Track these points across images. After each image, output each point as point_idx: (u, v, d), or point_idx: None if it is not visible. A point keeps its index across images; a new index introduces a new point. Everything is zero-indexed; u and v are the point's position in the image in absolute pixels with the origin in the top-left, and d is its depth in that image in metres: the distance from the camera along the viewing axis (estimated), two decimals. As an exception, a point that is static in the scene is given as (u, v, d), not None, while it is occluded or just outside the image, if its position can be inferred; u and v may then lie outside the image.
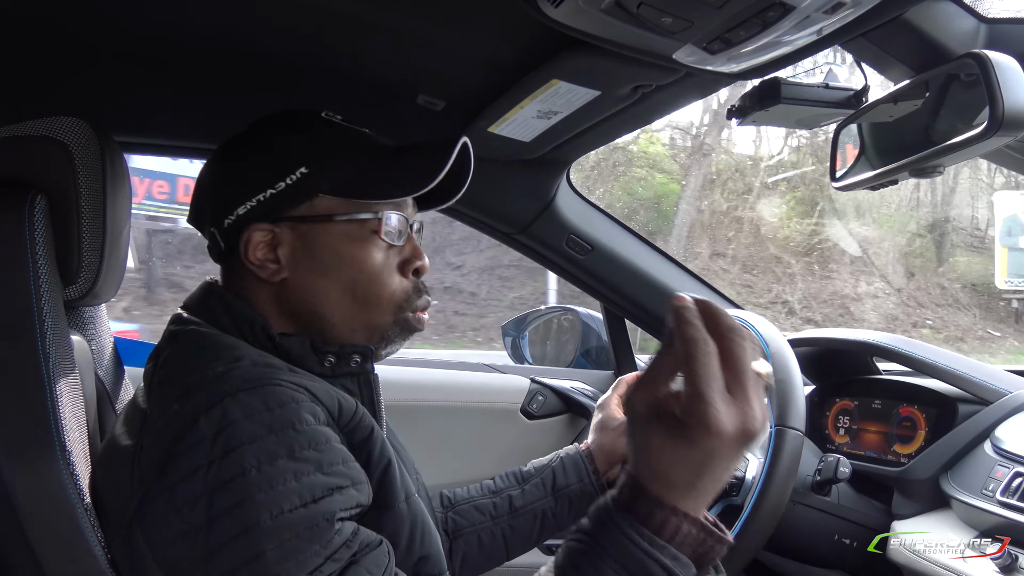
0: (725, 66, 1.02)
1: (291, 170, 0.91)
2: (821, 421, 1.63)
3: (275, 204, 0.91)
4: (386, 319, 0.96)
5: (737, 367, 0.65)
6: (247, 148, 0.95)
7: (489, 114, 1.31)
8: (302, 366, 0.90)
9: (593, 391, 1.89)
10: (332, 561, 0.74)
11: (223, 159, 0.97)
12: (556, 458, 1.28)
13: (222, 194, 0.94)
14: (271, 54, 1.18)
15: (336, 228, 0.93)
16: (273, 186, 0.91)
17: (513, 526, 1.21)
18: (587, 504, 1.21)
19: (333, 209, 0.92)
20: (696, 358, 0.64)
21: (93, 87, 1.29)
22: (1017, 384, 1.39)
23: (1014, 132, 0.94)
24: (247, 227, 0.92)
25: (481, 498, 1.23)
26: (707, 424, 0.63)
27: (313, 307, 0.94)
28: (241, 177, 0.93)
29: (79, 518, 0.80)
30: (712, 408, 0.63)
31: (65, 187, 0.93)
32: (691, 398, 0.63)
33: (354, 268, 0.93)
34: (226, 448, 0.74)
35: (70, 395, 0.86)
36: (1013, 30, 1.08)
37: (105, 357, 1.15)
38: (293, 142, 0.93)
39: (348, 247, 0.93)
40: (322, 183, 0.92)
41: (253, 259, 0.92)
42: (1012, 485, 1.16)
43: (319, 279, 0.93)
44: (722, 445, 0.63)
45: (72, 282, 0.96)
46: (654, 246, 1.84)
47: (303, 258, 0.93)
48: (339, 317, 0.94)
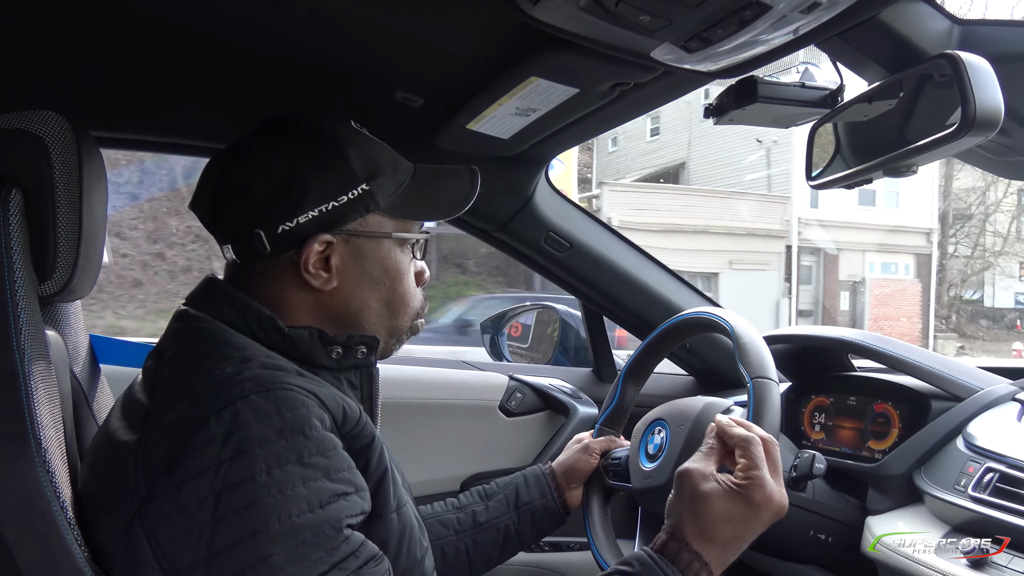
0: (703, 64, 1.02)
1: (355, 185, 0.94)
2: (797, 418, 1.64)
3: (337, 216, 0.93)
4: (405, 324, 1.03)
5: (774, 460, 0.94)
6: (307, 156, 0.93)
7: (467, 111, 1.31)
8: (309, 358, 0.92)
9: (572, 388, 1.90)
10: (338, 569, 0.75)
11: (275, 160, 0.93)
12: (520, 475, 1.32)
13: (279, 200, 0.91)
14: (248, 49, 1.17)
15: (387, 244, 0.98)
16: (336, 199, 0.92)
17: (476, 540, 1.23)
18: (548, 520, 1.28)
19: (383, 226, 0.97)
20: (751, 446, 0.93)
21: (69, 80, 1.27)
22: (989, 380, 1.41)
23: (986, 132, 0.95)
24: (309, 236, 0.92)
25: (445, 513, 1.25)
26: (762, 487, 0.90)
27: (353, 314, 0.98)
28: (303, 185, 0.91)
29: (55, 516, 0.80)
30: (765, 477, 0.91)
31: (41, 182, 0.91)
32: (748, 469, 0.92)
33: (395, 280, 0.99)
34: (236, 450, 0.75)
35: (45, 392, 0.85)
36: (985, 31, 1.09)
37: (81, 354, 1.14)
38: (354, 156, 0.94)
39: (392, 262, 0.99)
40: (379, 200, 0.95)
41: (312, 268, 0.93)
42: (983, 480, 1.17)
43: (364, 289, 0.97)
44: (766, 508, 0.90)
45: (47, 278, 0.95)
46: (632, 244, 1.85)
47: (353, 269, 0.96)
48: (372, 323, 0.99)
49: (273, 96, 1.31)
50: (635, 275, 1.80)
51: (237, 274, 0.96)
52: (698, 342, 1.85)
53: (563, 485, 1.30)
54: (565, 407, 1.84)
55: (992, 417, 1.31)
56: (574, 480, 1.32)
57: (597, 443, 1.34)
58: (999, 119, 0.95)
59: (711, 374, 1.93)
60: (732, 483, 0.91)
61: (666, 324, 1.34)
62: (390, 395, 1.71)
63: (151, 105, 1.39)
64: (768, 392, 1.06)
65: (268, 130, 0.96)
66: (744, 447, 0.93)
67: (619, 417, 1.38)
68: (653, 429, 1.24)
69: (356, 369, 0.98)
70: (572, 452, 1.35)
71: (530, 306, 2.46)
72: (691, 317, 1.29)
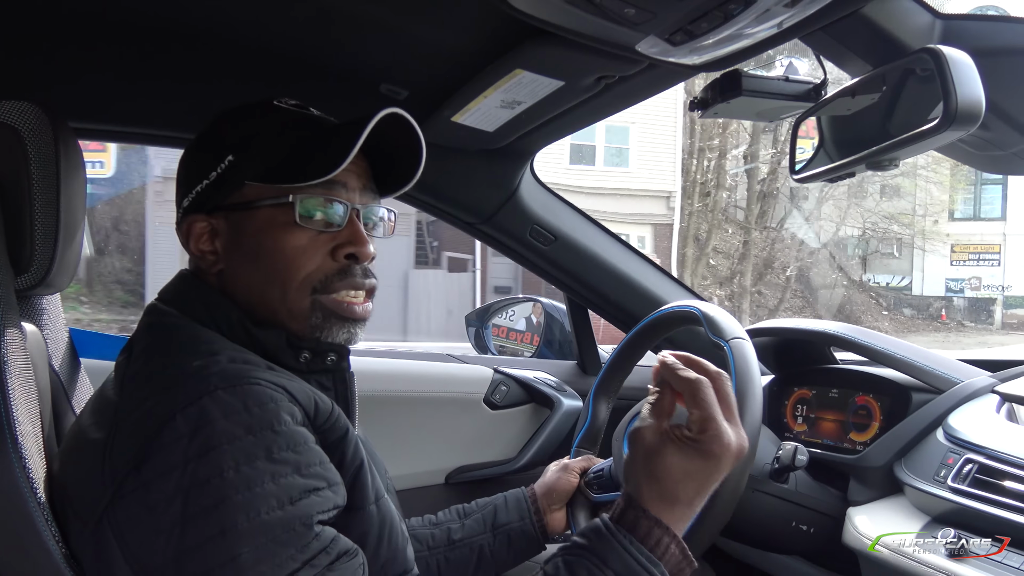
0: (687, 58, 1.02)
1: (220, 159, 0.91)
2: (780, 410, 1.65)
3: (209, 194, 0.92)
4: (303, 302, 0.91)
5: (726, 399, 0.84)
6: (193, 142, 0.96)
7: (453, 103, 1.30)
8: (277, 360, 0.90)
9: (556, 381, 1.90)
10: (309, 566, 0.74)
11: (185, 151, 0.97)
12: (500, 496, 1.28)
13: (181, 185, 0.95)
14: (230, 42, 1.16)
15: (259, 215, 0.91)
16: (207, 176, 0.91)
17: (449, 558, 1.20)
18: (525, 544, 1.25)
19: (259, 195, 0.91)
20: (700, 392, 0.82)
21: (46, 71, 1.26)
22: (969, 373, 1.43)
23: (967, 127, 0.96)
24: (187, 219, 0.93)
25: (420, 528, 1.22)
26: (719, 437, 0.81)
27: (246, 295, 0.92)
28: (184, 170, 0.94)
29: (32, 512, 0.79)
30: (721, 425, 0.81)
31: (16, 173, 0.90)
32: (702, 421, 0.81)
33: (275, 253, 0.91)
34: (203, 448, 0.73)
35: (22, 386, 0.84)
36: (967, 26, 1.10)
37: (60, 348, 1.13)
38: (224, 132, 0.93)
39: (269, 233, 0.91)
40: (247, 171, 0.91)
41: (196, 250, 0.93)
42: (963, 471, 1.19)
43: (248, 267, 0.92)
44: (726, 457, 0.81)
45: (24, 270, 0.94)
46: (616, 236, 1.85)
47: (234, 247, 0.92)
48: (267, 304, 0.92)
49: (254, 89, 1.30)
50: (619, 268, 1.80)
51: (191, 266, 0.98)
52: (678, 336, 1.85)
53: (544, 508, 1.26)
54: (550, 400, 1.85)
55: (972, 409, 1.33)
56: (555, 501, 1.27)
57: (575, 463, 1.31)
58: (980, 113, 0.95)
59: None
60: (687, 437, 0.82)
61: (629, 335, 1.33)
62: (375, 388, 1.72)
63: (132, 96, 1.37)
64: (743, 349, 1.06)
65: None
66: (693, 392, 0.83)
67: (594, 436, 1.36)
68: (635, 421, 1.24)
69: (327, 373, 0.95)
70: (551, 472, 1.31)
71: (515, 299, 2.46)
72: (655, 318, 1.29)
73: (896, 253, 21.57)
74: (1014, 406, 1.32)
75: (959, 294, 21.10)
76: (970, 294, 20.91)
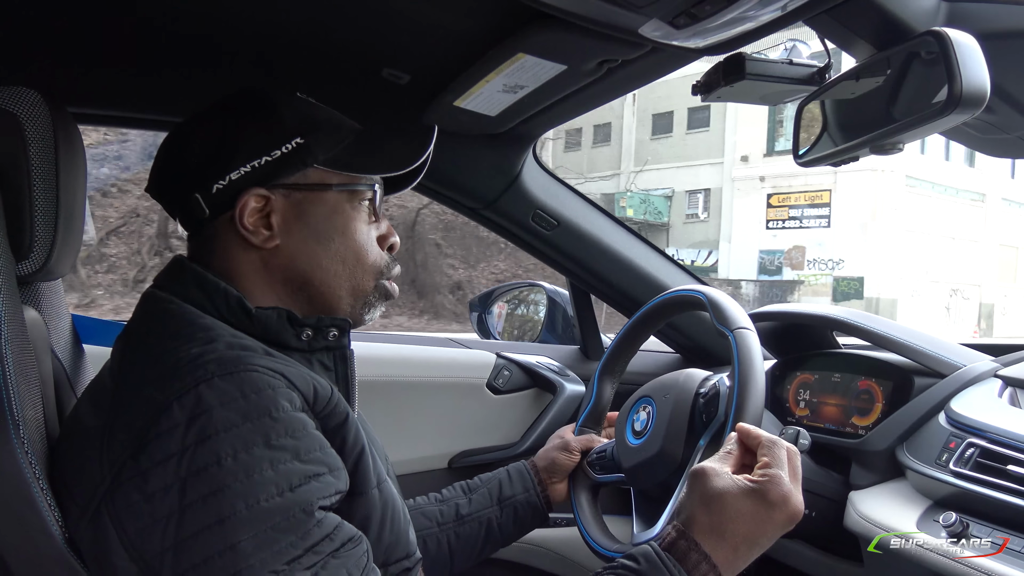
0: (691, 41, 1.02)
1: (288, 139, 0.92)
2: (782, 394, 1.66)
3: (271, 171, 0.92)
4: (369, 284, 0.99)
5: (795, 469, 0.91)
6: (235, 119, 0.94)
7: (455, 88, 1.30)
8: (278, 340, 0.90)
9: (559, 366, 1.90)
10: (312, 553, 0.74)
11: (205, 128, 0.94)
12: (503, 470, 1.31)
13: (213, 159, 0.92)
14: (232, 26, 1.15)
15: (329, 197, 0.95)
16: (269, 153, 0.91)
17: (458, 533, 1.23)
18: (531, 515, 1.28)
19: (326, 179, 0.94)
20: (776, 448, 0.91)
21: (44, 56, 1.25)
22: (971, 357, 1.43)
23: (972, 110, 0.95)
24: (242, 192, 0.91)
25: (428, 505, 1.25)
26: (780, 484, 0.87)
27: (304, 273, 0.95)
28: (234, 143, 0.92)
29: (35, 497, 0.79)
30: (784, 477, 0.88)
31: (15, 159, 0.90)
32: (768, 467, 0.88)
33: (346, 236, 0.96)
34: (200, 436, 0.73)
35: (24, 372, 0.84)
36: (973, 8, 1.09)
37: (62, 334, 1.13)
38: (287, 114, 0.94)
39: (340, 216, 0.96)
40: (317, 154, 0.93)
41: (248, 224, 0.92)
42: (965, 455, 1.19)
43: (311, 245, 0.95)
44: (781, 510, 0.86)
45: (25, 257, 0.94)
46: (619, 221, 1.84)
47: (296, 225, 0.94)
48: (328, 282, 0.96)
49: (256, 73, 1.30)
50: (622, 253, 1.80)
51: (192, 248, 0.97)
52: (682, 320, 1.86)
53: (546, 480, 1.30)
54: (552, 385, 1.85)
55: (974, 393, 1.33)
56: (556, 475, 1.31)
57: (577, 441, 1.33)
58: (985, 97, 0.95)
59: (697, 350, 1.93)
60: (748, 479, 0.88)
61: (636, 315, 1.34)
62: (377, 373, 1.73)
63: (130, 82, 1.37)
64: (748, 339, 1.07)
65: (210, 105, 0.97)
66: (768, 447, 0.91)
67: (599, 416, 1.37)
68: (638, 407, 1.25)
69: (328, 351, 0.95)
70: (552, 447, 1.34)
71: (518, 284, 2.47)
72: (663, 300, 1.29)
73: (702, 213, 16.68)
74: (1016, 390, 1.32)
75: (775, 275, 16.11)
76: (790, 275, 16.33)
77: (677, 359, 2.00)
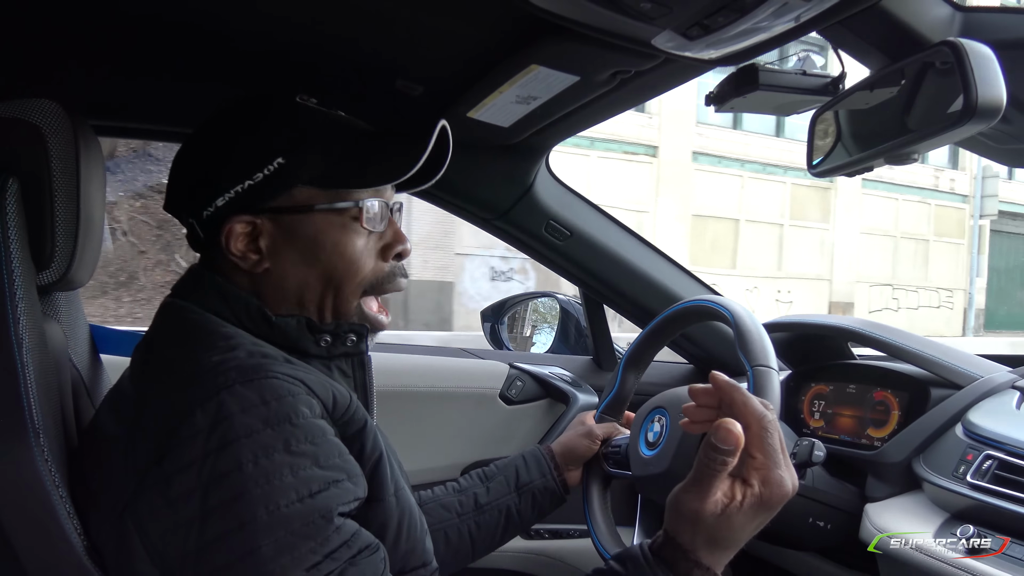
0: (704, 52, 1.02)
1: (268, 161, 0.90)
2: (796, 405, 1.65)
3: (254, 195, 0.90)
4: (351, 302, 0.95)
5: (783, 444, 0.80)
6: (223, 137, 0.93)
7: (468, 99, 1.30)
8: (298, 347, 0.91)
9: (571, 376, 1.90)
10: (330, 560, 0.74)
11: (199, 147, 0.95)
12: (519, 456, 1.32)
13: (200, 184, 0.92)
14: (248, 38, 1.16)
15: (316, 218, 0.92)
16: (251, 177, 0.90)
17: (479, 523, 1.23)
18: (549, 500, 1.28)
19: (312, 199, 0.92)
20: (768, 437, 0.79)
21: (65, 69, 1.27)
22: (988, 368, 1.42)
23: (987, 120, 0.95)
24: (227, 219, 0.91)
25: (446, 496, 1.25)
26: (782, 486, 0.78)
27: (295, 295, 0.93)
28: (218, 168, 0.91)
29: (55, 505, 0.80)
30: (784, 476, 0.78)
31: (38, 170, 0.91)
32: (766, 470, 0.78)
33: (335, 255, 0.93)
34: (222, 442, 0.74)
35: (44, 381, 0.85)
36: (987, 19, 1.09)
37: (81, 344, 1.14)
38: (268, 131, 0.92)
39: (329, 236, 0.93)
40: (300, 174, 0.91)
41: (235, 250, 0.91)
42: (982, 467, 1.18)
43: (300, 268, 0.93)
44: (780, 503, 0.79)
45: (46, 267, 0.95)
46: (632, 232, 1.84)
47: (284, 248, 0.92)
48: (316, 303, 0.94)
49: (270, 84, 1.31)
50: (635, 263, 1.80)
51: (204, 264, 0.98)
52: (697, 330, 1.85)
53: (561, 465, 1.31)
54: (565, 395, 1.84)
55: (991, 405, 1.32)
56: (572, 462, 1.32)
57: (600, 428, 1.34)
58: (1001, 107, 0.94)
59: (711, 362, 1.93)
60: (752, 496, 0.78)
61: (667, 312, 1.34)
62: (391, 383, 1.73)
63: (149, 94, 1.38)
64: (769, 380, 1.05)
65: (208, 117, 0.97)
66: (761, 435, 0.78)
67: (620, 405, 1.38)
68: (653, 417, 1.25)
69: (346, 357, 0.96)
70: (574, 434, 1.34)
71: (531, 295, 2.46)
72: (692, 305, 1.29)
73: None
74: (1035, 402, 1.31)
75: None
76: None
77: (690, 370, 2.00)
